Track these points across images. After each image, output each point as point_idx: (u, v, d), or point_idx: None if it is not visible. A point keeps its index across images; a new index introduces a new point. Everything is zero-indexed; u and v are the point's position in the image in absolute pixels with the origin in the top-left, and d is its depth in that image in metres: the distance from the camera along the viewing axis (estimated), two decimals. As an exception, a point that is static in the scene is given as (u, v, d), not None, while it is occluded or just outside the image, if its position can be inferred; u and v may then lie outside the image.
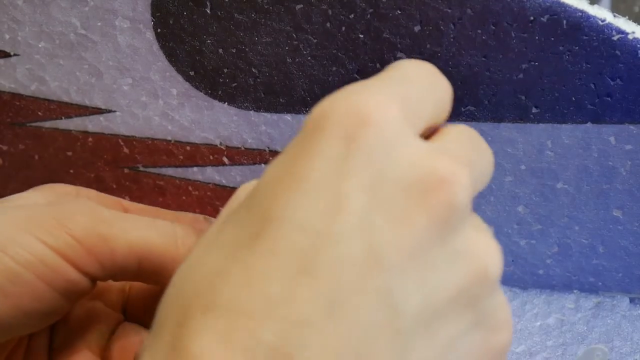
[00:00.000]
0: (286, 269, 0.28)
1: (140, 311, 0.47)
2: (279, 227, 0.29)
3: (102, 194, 0.48)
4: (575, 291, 0.54)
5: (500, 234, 0.52)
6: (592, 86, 0.45)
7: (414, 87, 0.33)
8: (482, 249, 0.32)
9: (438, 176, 0.30)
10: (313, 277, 0.28)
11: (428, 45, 0.45)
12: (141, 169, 0.54)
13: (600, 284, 0.53)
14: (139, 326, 0.46)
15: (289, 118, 0.50)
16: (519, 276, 0.54)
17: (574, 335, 0.52)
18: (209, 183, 0.54)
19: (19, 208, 0.41)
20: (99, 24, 0.48)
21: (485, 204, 0.51)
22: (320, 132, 0.30)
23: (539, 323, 0.53)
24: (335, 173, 0.29)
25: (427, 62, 0.35)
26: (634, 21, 0.76)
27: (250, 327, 0.28)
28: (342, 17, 0.45)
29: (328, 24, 0.46)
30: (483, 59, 0.45)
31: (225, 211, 0.34)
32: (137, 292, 0.47)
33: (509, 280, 0.54)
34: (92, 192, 0.48)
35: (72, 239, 0.39)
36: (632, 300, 0.53)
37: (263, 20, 0.46)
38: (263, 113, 0.50)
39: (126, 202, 0.49)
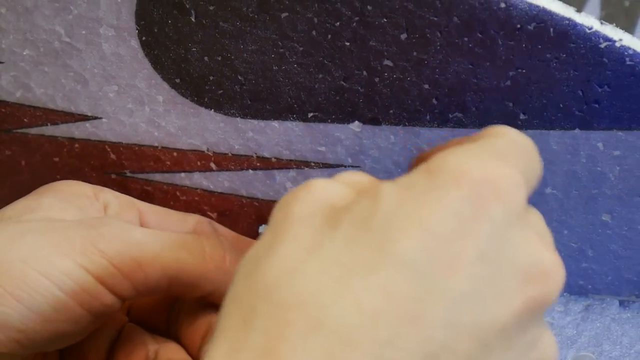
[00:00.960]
0: (393, 311, 0.29)
1: (144, 313, 0.47)
2: (398, 267, 0.29)
3: (118, 194, 0.48)
4: (564, 294, 0.54)
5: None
6: (580, 93, 0.45)
7: (528, 163, 0.35)
8: (552, 349, 0.34)
9: (545, 269, 0.32)
10: (418, 326, 0.29)
11: (415, 53, 0.45)
12: (128, 174, 0.54)
13: (589, 286, 0.53)
14: (142, 330, 0.47)
15: (276, 125, 0.49)
16: (509, 279, 0.54)
17: (563, 340, 0.52)
18: (197, 188, 0.54)
19: (51, 226, 0.41)
20: (84, 32, 0.48)
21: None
22: (453, 186, 0.31)
23: (528, 327, 0.53)
24: (460, 231, 0.30)
25: (523, 134, 0.36)
26: (625, 15, 0.75)
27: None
28: (327, 25, 0.45)
29: (314, 32, 0.45)
30: (470, 66, 0.45)
31: (301, 205, 0.32)
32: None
33: (498, 283, 0.54)
34: (109, 193, 0.47)
35: (111, 266, 0.40)
36: (621, 303, 0.53)
37: (248, 29, 0.46)
38: (250, 120, 0.50)
39: (139, 203, 0.49)
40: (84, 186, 0.47)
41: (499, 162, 0.32)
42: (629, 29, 0.76)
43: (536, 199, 0.47)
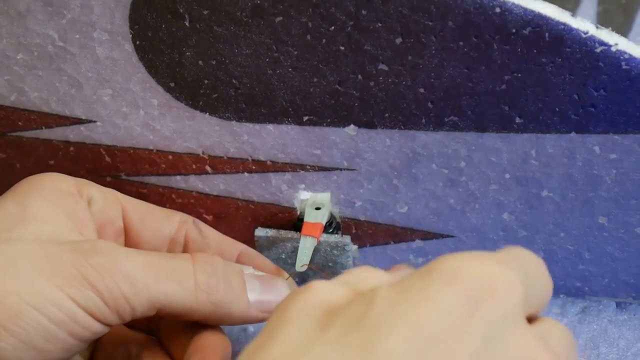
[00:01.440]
0: None
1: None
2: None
3: (102, 188, 0.47)
4: (561, 296, 0.54)
5: (485, 241, 0.52)
6: (576, 97, 0.44)
7: (533, 275, 0.35)
8: None
9: None
10: None
11: (410, 57, 0.45)
12: (123, 177, 0.54)
13: (586, 288, 0.53)
14: (124, 328, 0.47)
15: (271, 128, 0.49)
16: (505, 281, 0.54)
17: (560, 342, 0.52)
18: (192, 191, 0.54)
19: (43, 252, 0.41)
20: (77, 36, 0.48)
21: (470, 211, 0.50)
22: (449, 286, 0.31)
23: (525, 329, 0.53)
24: (453, 331, 0.30)
25: (539, 258, 0.37)
26: (622, 12, 0.75)
27: None
28: (322, 29, 0.45)
29: (308, 36, 0.45)
30: (465, 70, 0.45)
31: (299, 307, 0.33)
32: None
33: (495, 285, 0.54)
34: (93, 188, 0.47)
35: (100, 300, 0.40)
36: (618, 305, 0.53)
37: (242, 33, 0.46)
38: (245, 123, 0.49)
39: (122, 198, 0.48)
40: (67, 182, 0.46)
41: (497, 264, 0.33)
42: (626, 25, 0.76)
43: (533, 202, 0.48)
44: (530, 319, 0.35)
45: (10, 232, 0.42)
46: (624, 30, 0.76)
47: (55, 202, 0.45)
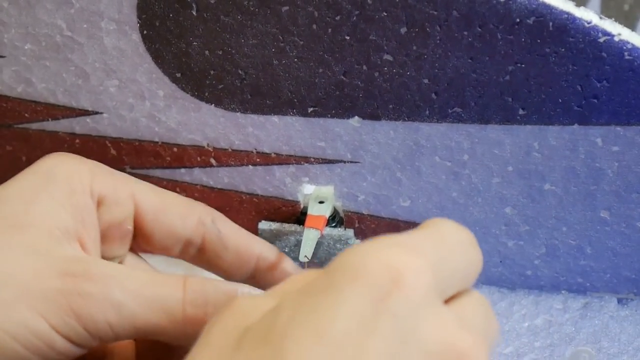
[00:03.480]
0: None
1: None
2: None
3: (116, 184, 0.45)
4: (563, 292, 0.54)
5: (488, 235, 0.52)
6: (579, 88, 0.45)
7: (450, 254, 0.33)
8: None
9: (460, 351, 0.30)
10: None
11: (414, 47, 0.45)
12: (128, 170, 0.54)
13: (588, 284, 0.53)
14: None
15: (275, 120, 0.50)
16: (507, 277, 0.54)
17: (562, 336, 0.52)
18: (197, 184, 0.54)
19: (31, 269, 0.40)
20: (85, 26, 0.48)
21: (472, 205, 0.51)
22: (350, 284, 0.30)
23: (527, 324, 0.53)
24: (359, 333, 0.29)
25: (464, 228, 0.35)
26: (624, 19, 0.76)
27: None
28: (328, 19, 0.45)
29: (314, 26, 0.46)
30: (469, 60, 0.45)
31: (220, 330, 0.32)
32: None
33: (497, 281, 0.54)
34: (107, 183, 0.45)
35: (83, 329, 0.39)
36: (620, 301, 0.53)
37: (249, 23, 0.46)
38: (250, 115, 0.50)
39: (138, 193, 0.46)
40: (81, 175, 0.45)
41: (400, 252, 0.31)
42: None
43: (535, 195, 0.48)
44: (452, 298, 0.34)
45: (7, 236, 0.41)
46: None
47: (62, 202, 0.44)
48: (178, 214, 0.47)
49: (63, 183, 0.44)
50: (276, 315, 0.30)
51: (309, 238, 0.51)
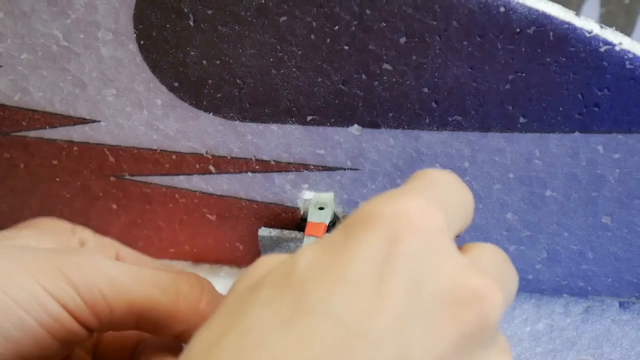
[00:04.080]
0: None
1: (109, 352, 0.46)
2: (315, 319, 0.29)
3: (98, 236, 0.48)
4: (564, 295, 0.54)
5: (489, 240, 0.52)
6: (580, 96, 0.44)
7: (448, 195, 0.34)
8: None
9: (474, 292, 0.31)
10: None
11: (414, 57, 0.45)
12: (127, 177, 0.54)
13: (589, 288, 0.53)
14: None
15: (274, 128, 0.49)
16: (509, 281, 0.54)
17: (564, 341, 0.52)
18: (196, 191, 0.54)
19: (24, 250, 0.41)
20: (82, 36, 0.48)
21: (474, 211, 0.50)
22: (365, 230, 0.31)
23: (528, 329, 0.53)
24: (377, 273, 0.30)
25: (449, 171, 0.36)
26: (624, 13, 0.75)
27: None
28: (326, 29, 0.45)
29: (312, 36, 0.45)
30: (469, 70, 0.45)
31: (243, 282, 0.33)
32: (108, 336, 0.46)
33: (498, 285, 0.54)
34: (87, 232, 0.47)
35: (76, 294, 0.40)
36: (621, 305, 0.53)
37: (247, 33, 0.46)
38: (249, 123, 0.49)
39: (119, 246, 0.48)
40: (63, 223, 0.47)
41: (407, 196, 0.32)
42: (629, 26, 0.76)
43: (536, 202, 0.48)
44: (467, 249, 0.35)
45: None
46: (626, 31, 0.76)
47: (48, 234, 0.45)
48: (157, 266, 0.48)
49: (47, 225, 0.47)
50: (295, 261, 0.31)
51: (309, 246, 0.50)
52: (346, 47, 0.45)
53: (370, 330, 0.29)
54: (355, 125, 0.48)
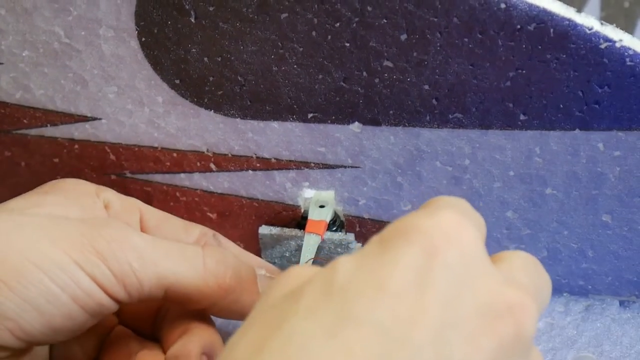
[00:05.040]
0: None
1: (133, 316, 0.47)
2: (359, 328, 0.30)
3: (120, 195, 0.48)
4: (565, 294, 0.54)
5: (489, 239, 0.51)
6: (580, 94, 0.44)
7: (471, 213, 0.35)
8: None
9: (510, 304, 0.32)
10: None
11: (415, 54, 0.45)
12: (128, 175, 0.54)
13: (590, 287, 0.53)
14: (130, 332, 0.47)
15: (275, 125, 0.49)
16: (509, 280, 0.54)
17: (564, 340, 0.52)
18: (197, 189, 0.54)
19: (52, 222, 0.41)
20: (83, 33, 0.48)
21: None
22: (405, 243, 0.32)
23: (528, 327, 0.52)
24: (418, 284, 0.31)
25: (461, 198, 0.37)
26: (624, 17, 0.75)
27: None
28: (327, 26, 0.45)
29: (314, 33, 0.45)
30: (470, 67, 0.45)
31: (276, 291, 0.34)
32: None
33: (498, 283, 0.54)
34: (111, 193, 0.47)
35: (105, 267, 0.40)
36: (622, 303, 0.53)
37: (248, 29, 0.46)
38: (250, 120, 0.50)
39: (142, 206, 0.48)
40: (87, 185, 0.47)
41: (443, 211, 0.33)
42: (629, 30, 0.76)
43: (536, 200, 0.48)
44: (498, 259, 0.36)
45: (25, 210, 0.43)
46: (627, 32, 0.76)
47: (73, 198, 0.45)
48: (179, 225, 0.49)
49: (71, 189, 0.46)
50: (334, 272, 0.32)
51: (310, 244, 0.51)
52: (347, 44, 0.45)
53: (413, 339, 0.30)
54: (356, 123, 0.48)
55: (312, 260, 0.50)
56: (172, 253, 0.42)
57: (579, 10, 0.43)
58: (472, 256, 0.32)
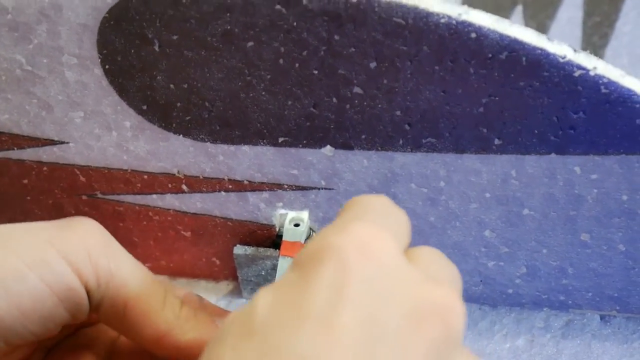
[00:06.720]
0: None
1: None
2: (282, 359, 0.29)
3: None
4: (545, 309, 0.53)
5: (467, 257, 0.51)
6: (555, 119, 0.43)
7: (388, 216, 0.34)
8: None
9: (436, 304, 0.31)
10: None
11: (385, 81, 0.44)
12: (99, 195, 0.53)
13: (570, 302, 0.52)
14: None
15: (246, 149, 0.48)
16: (488, 295, 0.53)
17: (544, 358, 0.51)
18: (169, 209, 0.53)
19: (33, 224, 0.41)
20: (45, 60, 0.47)
21: (450, 228, 0.50)
22: (318, 264, 0.31)
23: (508, 345, 0.52)
24: (333, 304, 0.30)
25: (381, 195, 0.36)
26: (605, 18, 0.74)
27: None
28: (294, 54, 0.44)
29: (281, 61, 0.44)
30: (442, 93, 0.44)
31: (221, 340, 0.33)
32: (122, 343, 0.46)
33: (477, 298, 0.53)
34: None
35: (82, 246, 0.39)
36: (602, 318, 0.53)
37: (214, 57, 0.45)
38: (220, 144, 0.48)
39: None
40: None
41: (353, 223, 0.32)
42: (613, 14, 0.75)
43: (514, 220, 0.47)
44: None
45: None
46: (611, 18, 0.75)
47: None
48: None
49: None
50: (253, 307, 0.31)
51: (285, 267, 0.50)
52: (315, 72, 0.44)
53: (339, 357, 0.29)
54: (328, 147, 0.47)
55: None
56: (141, 268, 0.42)
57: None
58: (388, 265, 0.31)
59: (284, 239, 0.51)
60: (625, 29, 0.74)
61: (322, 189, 0.49)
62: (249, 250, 0.53)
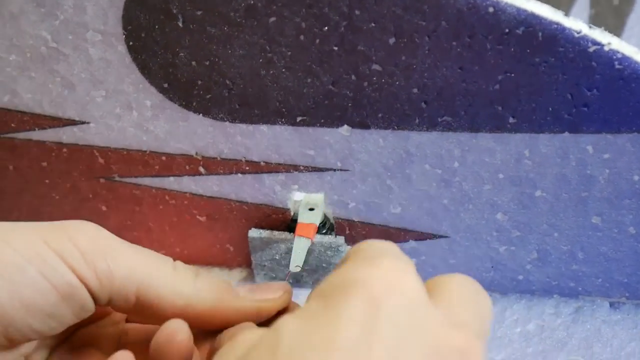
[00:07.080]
0: None
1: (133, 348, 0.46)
2: None
3: None
4: (555, 296, 0.54)
5: (479, 241, 0.52)
6: (569, 97, 0.44)
7: (404, 256, 0.35)
8: None
9: (456, 348, 0.32)
10: None
11: (403, 58, 0.45)
12: (117, 178, 0.54)
13: (580, 288, 0.53)
14: None
15: (264, 129, 0.49)
16: (499, 282, 0.54)
17: (554, 342, 0.52)
18: (186, 192, 0.54)
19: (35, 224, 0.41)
20: (70, 37, 0.48)
21: (463, 211, 0.50)
22: (346, 297, 0.32)
23: (519, 329, 0.53)
24: (365, 337, 0.31)
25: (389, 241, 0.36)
26: (614, 14, 0.75)
27: None
28: (315, 30, 0.45)
29: (302, 37, 0.45)
30: (459, 70, 0.45)
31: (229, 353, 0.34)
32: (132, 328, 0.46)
33: (488, 285, 0.54)
34: None
35: (74, 247, 0.39)
36: (612, 305, 0.53)
37: (236, 34, 0.46)
38: (238, 124, 0.49)
39: None
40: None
41: (380, 259, 0.33)
42: (618, 28, 0.76)
43: (526, 202, 0.47)
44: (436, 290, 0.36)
45: None
46: (616, 32, 0.76)
47: None
48: None
49: None
50: (278, 334, 0.32)
51: (300, 247, 0.50)
52: (335, 48, 0.45)
53: None
54: (345, 126, 0.48)
55: (300, 267, 0.50)
56: (143, 254, 0.42)
57: (569, 7, 0.43)
58: (415, 302, 0.32)
59: (299, 220, 0.52)
60: (630, 43, 0.76)
61: (337, 170, 0.50)
62: (264, 233, 0.53)
